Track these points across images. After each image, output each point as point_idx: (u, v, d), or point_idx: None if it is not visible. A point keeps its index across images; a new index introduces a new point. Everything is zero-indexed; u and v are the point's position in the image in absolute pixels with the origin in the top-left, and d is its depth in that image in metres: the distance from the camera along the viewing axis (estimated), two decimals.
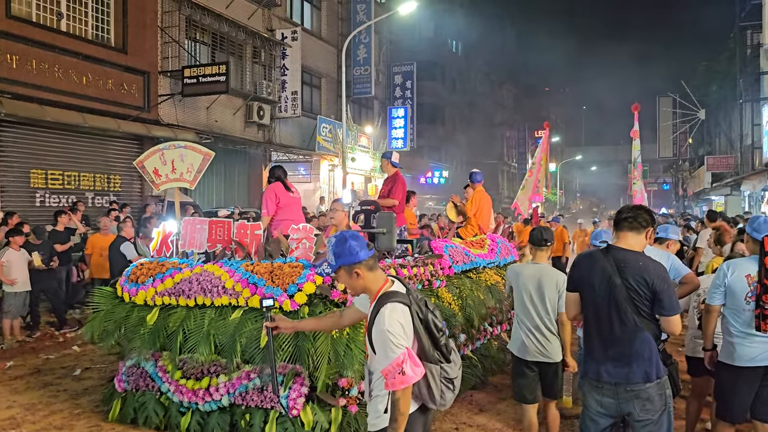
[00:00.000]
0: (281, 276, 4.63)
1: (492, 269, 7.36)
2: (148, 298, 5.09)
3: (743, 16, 22.76)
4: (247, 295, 4.65)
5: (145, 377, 5.09)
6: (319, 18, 23.71)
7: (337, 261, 2.80)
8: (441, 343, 2.75)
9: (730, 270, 4.07)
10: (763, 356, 3.93)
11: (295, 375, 4.44)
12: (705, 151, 35.69)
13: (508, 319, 7.26)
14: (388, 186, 7.58)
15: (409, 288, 2.83)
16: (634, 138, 11.58)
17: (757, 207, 23.47)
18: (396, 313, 2.66)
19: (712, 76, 32.04)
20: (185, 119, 16.01)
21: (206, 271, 4.94)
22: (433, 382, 2.74)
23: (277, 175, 7.04)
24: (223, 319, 4.71)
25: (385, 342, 2.62)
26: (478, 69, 45.71)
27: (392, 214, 4.93)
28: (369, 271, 2.79)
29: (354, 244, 2.77)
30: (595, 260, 3.37)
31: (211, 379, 4.76)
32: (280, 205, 6.83)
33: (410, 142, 28.24)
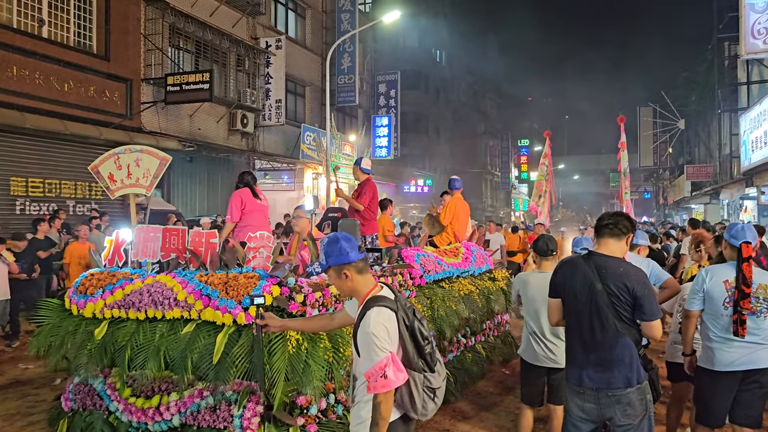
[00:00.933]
0: (236, 287, 4.33)
1: (466, 278, 7.17)
2: (96, 311, 4.75)
3: (721, 28, 23.15)
4: (199, 307, 4.35)
5: (92, 395, 4.76)
6: (304, 27, 23.75)
7: (327, 260, 2.82)
8: (426, 352, 2.75)
9: (708, 276, 4.14)
10: (740, 361, 3.99)
11: (250, 393, 4.13)
12: (685, 160, 36.17)
13: (482, 330, 7.19)
14: (357, 192, 7.44)
15: (397, 295, 2.84)
16: (623, 149, 11.73)
17: (735, 215, 23.80)
18: (382, 317, 2.67)
19: (691, 87, 32.54)
20: (168, 127, 15.94)
21: (158, 282, 4.62)
22: (416, 391, 2.73)
23: (246, 180, 6.84)
24: (174, 333, 4.42)
25: (369, 345, 2.62)
26: (462, 78, 45.99)
27: (355, 221, 4.75)
28: (358, 273, 2.81)
29: (345, 245, 2.79)
30: (576, 266, 3.42)
31: (162, 397, 4.45)
32: (246, 211, 6.62)
33: (394, 151, 28.32)
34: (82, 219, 12.61)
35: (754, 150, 16.43)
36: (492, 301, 7.30)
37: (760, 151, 15.66)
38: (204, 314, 4.33)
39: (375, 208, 7.32)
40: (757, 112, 16.06)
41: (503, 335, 8.01)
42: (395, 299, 2.79)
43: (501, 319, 7.92)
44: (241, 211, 6.61)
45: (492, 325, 7.59)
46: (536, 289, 4.61)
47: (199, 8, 16.77)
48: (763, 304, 4.00)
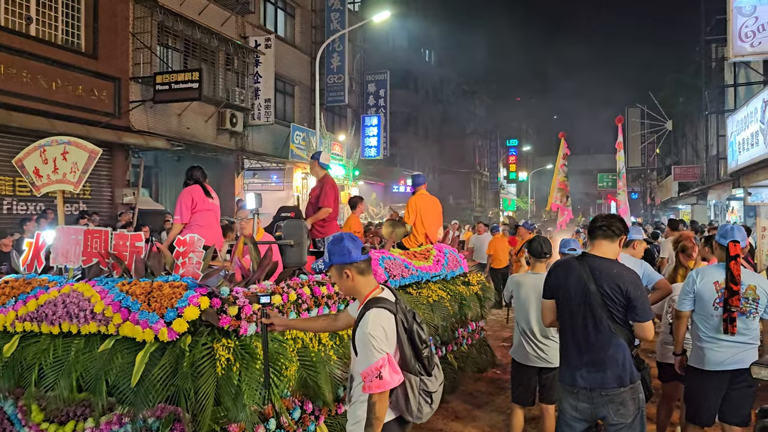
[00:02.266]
0: (159, 298, 3.78)
1: (437, 283, 6.68)
2: (7, 324, 4.19)
3: (708, 30, 23.35)
4: (118, 321, 3.80)
5: (2, 420, 4.23)
6: (293, 26, 23.70)
7: (330, 259, 2.86)
8: (423, 356, 2.77)
9: (699, 277, 4.19)
10: (730, 361, 4.04)
11: (175, 420, 3.63)
12: (672, 161, 36.45)
13: (454, 339, 6.74)
14: (316, 192, 6.81)
15: (398, 298, 2.86)
16: (619, 149, 11.80)
17: (722, 216, 24.02)
18: (380, 319, 2.69)
19: (678, 89, 32.77)
20: (156, 126, 15.84)
21: (75, 292, 4.05)
22: (412, 394, 2.75)
23: (196, 177, 6.25)
24: (90, 351, 3.90)
25: (366, 345, 2.65)
26: (451, 78, 46.08)
27: (301, 222, 4.35)
28: (359, 274, 2.83)
29: (349, 244, 2.82)
30: (570, 268, 3.45)
31: (78, 423, 3.92)
32: (196, 211, 6.06)
33: (383, 151, 28.32)
34: (71, 219, 12.51)
35: (740, 151, 16.58)
36: (465, 308, 6.81)
37: (746, 153, 15.80)
38: (123, 329, 3.78)
39: (336, 206, 6.84)
40: (744, 114, 16.20)
41: (478, 344, 7.51)
42: (396, 302, 2.81)
43: (476, 326, 7.39)
44: (191, 211, 6.06)
45: (465, 333, 7.08)
46: (529, 290, 4.65)
47: (188, 6, 16.69)
48: (752, 305, 4.05)
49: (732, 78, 22.26)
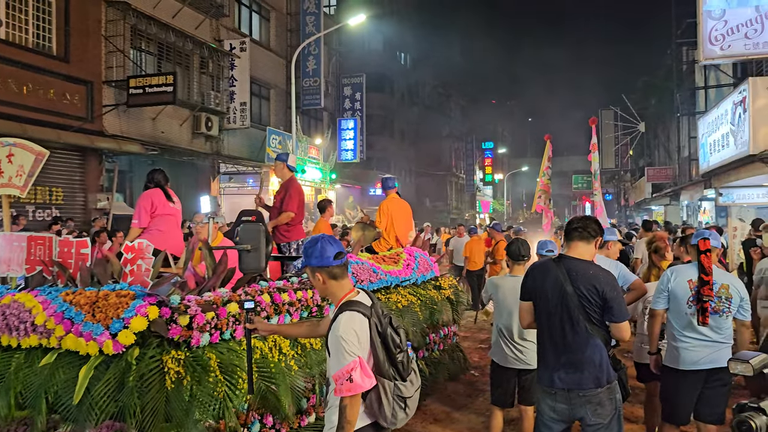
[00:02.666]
0: (105, 308, 3.55)
1: (407, 288, 6.49)
2: None
3: (679, 34, 23.74)
4: (60, 333, 3.57)
5: None
6: (268, 29, 23.59)
7: (304, 259, 2.86)
8: (397, 360, 2.75)
9: (673, 275, 4.26)
10: (704, 360, 4.10)
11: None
12: (645, 162, 36.97)
13: (425, 345, 6.53)
14: (281, 195, 6.54)
15: (375, 302, 2.84)
16: (594, 151, 11.92)
17: (694, 216, 24.41)
18: (352, 322, 2.68)
19: (650, 91, 33.28)
20: (130, 130, 15.65)
21: (16, 303, 3.83)
22: (385, 398, 2.73)
23: (157, 180, 5.95)
24: (30, 365, 3.68)
25: (338, 348, 2.64)
26: (427, 82, 46.25)
27: (259, 226, 4.20)
28: (332, 278, 2.81)
29: (323, 247, 2.79)
30: (547, 270, 3.47)
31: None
32: (156, 215, 5.77)
33: (360, 154, 28.31)
34: (43, 225, 12.29)
35: (712, 153, 16.88)
36: (437, 313, 6.63)
37: (717, 154, 16.09)
38: (65, 342, 3.56)
39: (301, 210, 6.62)
40: (715, 116, 16.50)
41: (450, 349, 7.30)
42: (371, 306, 2.79)
43: (448, 331, 7.19)
44: (151, 215, 5.75)
45: (437, 338, 6.86)
46: (508, 292, 4.67)
47: (162, 10, 16.51)
48: (725, 304, 4.12)
49: (703, 80, 22.66)
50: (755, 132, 13.01)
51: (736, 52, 14.24)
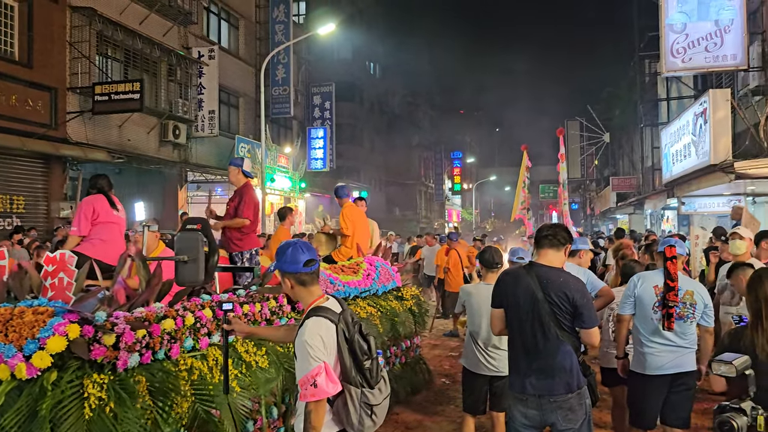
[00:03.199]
0: (19, 327, 3.16)
1: (366, 299, 6.22)
2: None
3: (642, 46, 24.29)
4: None
5: None
6: (237, 37, 23.46)
7: (276, 263, 2.89)
8: (365, 367, 2.75)
9: (639, 281, 4.35)
10: (670, 365, 4.19)
11: None
12: (610, 172, 37.65)
13: (386, 359, 6.24)
14: (235, 202, 6.16)
15: (345, 309, 2.85)
16: (562, 161, 12.08)
17: (658, 225, 24.93)
18: (318, 327, 2.68)
19: (615, 102, 33.97)
20: (95, 138, 15.38)
21: None
22: (352, 405, 2.73)
23: (100, 185, 5.58)
24: None
25: (303, 353, 2.65)
26: (396, 91, 46.47)
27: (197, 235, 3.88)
28: (300, 285, 2.83)
29: (294, 253, 2.80)
30: (518, 277, 3.51)
31: None
32: (98, 223, 5.36)
33: (330, 163, 28.28)
34: (3, 234, 11.99)
35: (674, 163, 17.28)
36: (398, 325, 6.34)
37: (680, 164, 16.48)
38: None
39: (256, 218, 6.31)
40: (677, 126, 16.92)
41: (413, 362, 7.00)
42: (340, 312, 2.80)
43: (410, 343, 6.90)
44: (92, 223, 5.35)
45: (399, 351, 6.60)
46: (480, 300, 4.69)
47: (129, 16, 16.31)
48: (689, 309, 4.22)
49: (665, 92, 23.22)
50: (716, 142, 13.36)
51: (697, 65, 14.63)
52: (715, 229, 10.20)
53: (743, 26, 13.90)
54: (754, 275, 3.23)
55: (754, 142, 13.62)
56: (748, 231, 6.15)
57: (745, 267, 4.79)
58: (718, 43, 14.10)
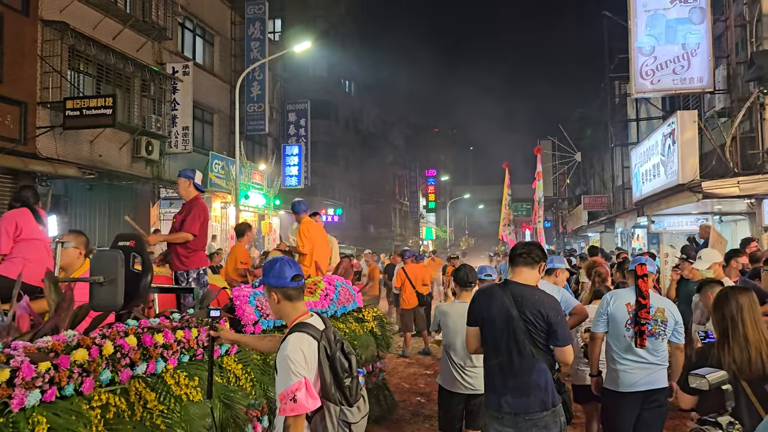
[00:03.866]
0: None
1: None
2: None
3: (612, 68, 24.77)
4: None
5: None
6: (212, 53, 23.40)
7: (263, 278, 2.92)
8: (344, 385, 2.76)
9: (612, 299, 4.41)
10: (642, 381, 4.23)
11: None
12: (581, 190, 38.16)
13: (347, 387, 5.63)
14: (182, 215, 5.73)
15: (328, 326, 2.87)
16: (538, 179, 12.22)
17: (628, 243, 25.28)
18: (300, 342, 2.70)
19: (586, 122, 34.57)
20: (66, 153, 15.15)
21: None
22: (330, 422, 2.73)
23: (25, 197, 5.07)
24: None
25: (284, 367, 2.66)
26: (371, 109, 46.74)
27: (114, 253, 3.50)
28: (287, 299, 2.86)
29: (281, 268, 2.84)
30: (493, 295, 3.53)
31: None
32: (21, 239, 4.84)
33: (304, 180, 28.24)
34: None
35: (644, 182, 17.59)
36: (358, 348, 5.87)
37: (649, 183, 16.78)
38: None
39: (204, 234, 5.84)
40: (646, 147, 17.25)
41: (375, 388, 6.48)
42: (323, 330, 2.81)
43: (372, 368, 6.45)
44: (15, 240, 4.82)
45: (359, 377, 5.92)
46: (456, 318, 4.70)
47: (102, 31, 16.18)
48: (660, 327, 4.28)
49: (635, 113, 23.69)
50: (683, 162, 13.65)
51: (665, 87, 14.96)
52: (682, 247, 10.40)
53: (709, 50, 14.29)
54: (721, 293, 3.28)
55: (721, 163, 13.94)
56: (715, 253, 6.21)
57: (714, 284, 4.86)
58: (685, 66, 14.46)
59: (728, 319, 3.09)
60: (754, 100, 13.31)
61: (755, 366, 2.95)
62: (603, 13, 22.85)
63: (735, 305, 3.10)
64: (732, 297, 3.15)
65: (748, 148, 13.76)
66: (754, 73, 12.90)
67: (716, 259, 5.86)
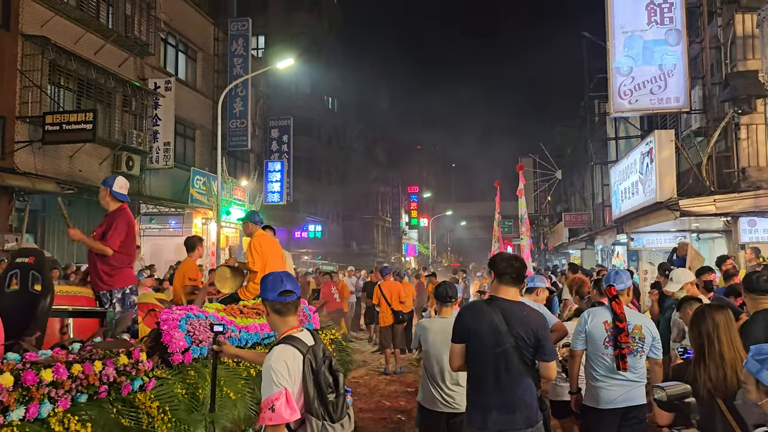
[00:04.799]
0: None
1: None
2: None
3: (592, 87, 25.11)
4: None
5: None
6: (195, 69, 23.38)
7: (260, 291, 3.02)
8: (328, 400, 2.77)
9: (590, 317, 4.43)
10: (621, 398, 4.26)
11: None
12: (562, 208, 38.45)
13: None
14: (103, 228, 5.17)
15: (317, 343, 2.90)
16: (521, 196, 12.27)
17: (608, 260, 25.46)
18: (285, 354, 2.74)
19: (566, 140, 34.94)
20: (45, 168, 14.99)
21: None
22: None
23: None
24: None
25: (267, 377, 2.70)
26: (353, 126, 46.88)
27: None
28: (275, 313, 2.92)
29: (274, 282, 2.93)
30: (481, 311, 3.53)
31: None
32: None
33: (287, 196, 28.18)
34: None
35: (623, 200, 17.77)
36: None
37: (628, 201, 16.95)
38: None
39: (131, 250, 5.33)
40: (625, 165, 17.45)
41: None
42: (311, 346, 2.84)
43: None
44: None
45: None
46: (437, 335, 4.66)
47: (83, 46, 16.11)
48: (639, 344, 4.31)
49: (613, 131, 23.97)
50: (661, 181, 13.82)
51: (643, 107, 15.18)
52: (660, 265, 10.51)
53: (685, 71, 14.55)
54: (698, 311, 3.31)
55: (698, 181, 14.14)
56: (686, 273, 6.22)
57: (693, 302, 4.90)
58: (662, 86, 14.69)
59: (704, 337, 3.12)
60: (729, 120, 13.56)
61: (730, 384, 2.98)
62: (582, 34, 23.22)
63: (711, 323, 3.13)
64: (708, 315, 3.18)
65: (724, 167, 13.99)
66: (728, 93, 13.16)
67: (688, 279, 5.88)
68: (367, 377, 10.33)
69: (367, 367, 11.29)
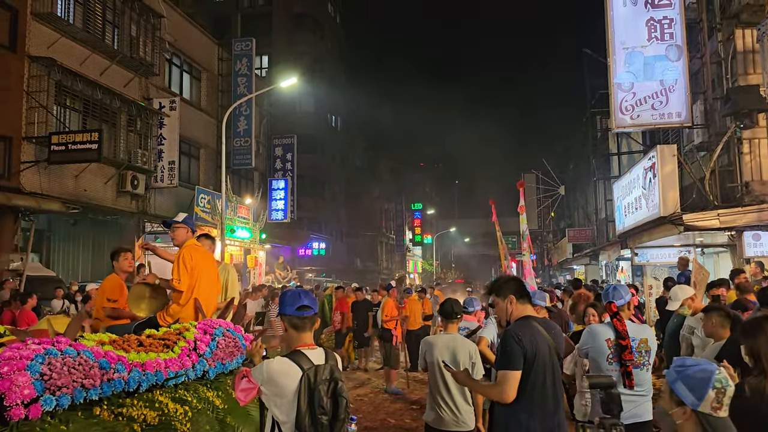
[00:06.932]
0: None
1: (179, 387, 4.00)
2: None
3: (593, 103, 25.25)
4: None
5: None
6: (199, 89, 23.58)
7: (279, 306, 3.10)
8: (318, 420, 2.77)
9: (591, 335, 4.43)
10: (627, 415, 4.19)
11: None
12: (566, 223, 38.45)
13: None
14: None
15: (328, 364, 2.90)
16: (522, 212, 12.29)
17: (612, 275, 25.41)
18: (282, 363, 2.82)
19: (568, 156, 35.02)
20: (51, 188, 15.08)
21: None
22: None
23: None
24: None
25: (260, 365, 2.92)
26: (357, 144, 47.08)
27: None
28: (293, 327, 2.99)
29: (292, 297, 3.01)
30: (536, 331, 3.41)
31: None
32: None
33: (290, 214, 28.24)
34: None
35: (626, 215, 17.77)
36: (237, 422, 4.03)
37: (632, 216, 16.95)
38: None
39: None
40: (627, 180, 17.47)
41: None
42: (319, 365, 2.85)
43: None
44: None
45: None
46: (443, 351, 4.59)
47: (89, 66, 16.28)
48: (645, 357, 4.28)
49: (616, 147, 24.05)
50: (664, 195, 13.83)
51: (645, 122, 15.24)
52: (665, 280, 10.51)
53: (686, 86, 14.61)
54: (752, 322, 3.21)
55: (701, 196, 14.15)
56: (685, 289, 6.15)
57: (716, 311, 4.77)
58: (663, 102, 14.75)
59: None
60: (731, 135, 13.60)
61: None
62: (583, 50, 23.37)
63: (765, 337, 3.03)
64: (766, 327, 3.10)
65: (727, 181, 14.00)
66: (730, 108, 13.21)
67: (686, 295, 5.85)
68: (372, 395, 10.30)
69: (371, 385, 11.25)
